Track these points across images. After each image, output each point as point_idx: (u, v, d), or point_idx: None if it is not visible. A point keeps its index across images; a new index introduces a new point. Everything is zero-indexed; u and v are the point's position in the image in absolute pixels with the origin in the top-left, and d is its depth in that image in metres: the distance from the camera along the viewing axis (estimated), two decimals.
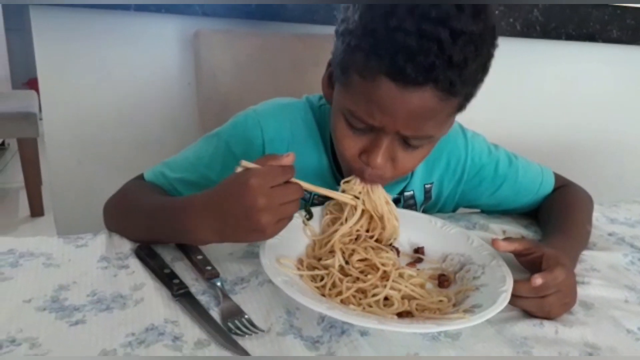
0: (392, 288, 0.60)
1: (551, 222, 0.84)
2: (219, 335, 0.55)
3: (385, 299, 0.60)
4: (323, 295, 0.60)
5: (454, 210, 0.92)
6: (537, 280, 0.60)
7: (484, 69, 0.60)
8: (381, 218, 0.68)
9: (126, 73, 1.39)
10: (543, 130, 1.71)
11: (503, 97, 1.64)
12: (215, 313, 0.60)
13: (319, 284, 0.62)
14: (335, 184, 0.81)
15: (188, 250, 0.70)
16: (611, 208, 1.02)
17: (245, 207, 0.56)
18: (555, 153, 1.61)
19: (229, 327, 0.57)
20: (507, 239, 0.67)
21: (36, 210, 2.51)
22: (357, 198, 0.67)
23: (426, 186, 0.86)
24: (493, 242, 0.66)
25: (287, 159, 0.59)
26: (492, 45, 0.59)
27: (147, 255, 0.69)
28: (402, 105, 0.58)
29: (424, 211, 0.88)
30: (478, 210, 0.94)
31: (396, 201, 0.85)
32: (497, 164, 0.84)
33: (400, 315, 0.58)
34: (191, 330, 0.57)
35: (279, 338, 0.56)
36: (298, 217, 0.70)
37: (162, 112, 1.45)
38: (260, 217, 0.55)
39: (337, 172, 0.80)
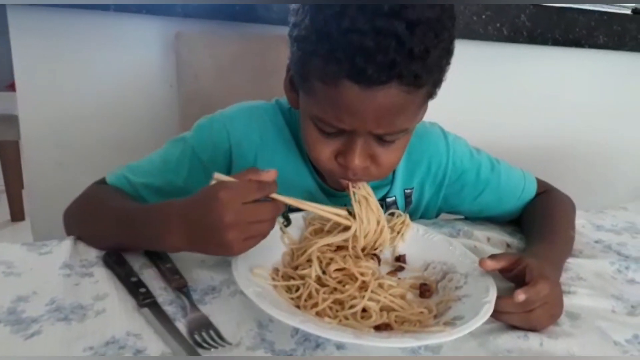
0: (370, 299, 0.57)
1: (534, 230, 0.81)
2: (183, 348, 0.52)
3: (364, 310, 0.57)
4: (298, 307, 0.57)
5: (436, 216, 0.89)
6: (520, 296, 0.57)
7: (448, 53, 0.57)
8: (382, 230, 0.66)
9: (106, 74, 1.36)
10: (528, 135, 1.70)
11: (488, 102, 1.63)
12: (181, 325, 0.56)
13: (295, 294, 0.59)
14: (315, 187, 0.78)
15: (157, 258, 0.67)
16: (597, 215, 1.00)
17: (212, 222, 0.53)
18: (540, 158, 1.59)
19: (195, 340, 0.53)
20: (492, 256, 0.64)
21: (17, 214, 2.45)
22: (350, 213, 0.64)
23: (406, 191, 0.83)
24: (480, 263, 0.63)
25: (268, 175, 0.57)
26: (453, 27, 0.56)
27: (115, 263, 0.65)
28: (369, 105, 0.55)
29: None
30: (462, 216, 0.90)
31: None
32: (479, 169, 0.82)
33: (378, 328, 0.55)
34: (155, 344, 0.53)
35: (248, 352, 0.53)
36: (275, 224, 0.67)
37: (144, 113, 1.41)
38: (226, 234, 0.53)
39: (316, 175, 0.77)
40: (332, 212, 0.64)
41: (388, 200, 0.82)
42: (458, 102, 1.33)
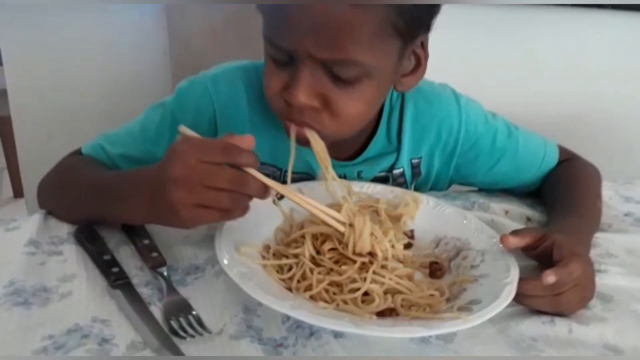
0: (373, 281, 0.50)
1: (558, 202, 0.73)
2: (155, 337, 0.45)
3: (365, 293, 0.49)
4: (290, 289, 0.50)
5: (448, 188, 0.81)
6: (550, 277, 0.49)
7: None
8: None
9: (97, 41, 1.29)
10: (546, 102, 1.60)
11: (504, 67, 1.53)
12: (157, 309, 0.49)
13: (287, 275, 0.51)
14: (314, 160, 0.70)
15: (135, 234, 0.59)
16: (625, 185, 0.91)
17: (161, 177, 0.46)
18: (558, 126, 1.49)
19: (170, 327, 0.46)
20: (514, 232, 0.56)
21: (18, 191, 2.40)
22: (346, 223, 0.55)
23: (413, 161, 0.75)
24: (501, 240, 0.55)
25: (243, 140, 0.48)
26: None
27: (87, 239, 0.58)
28: (306, 15, 0.48)
29: (415, 190, 0.77)
30: (476, 188, 0.83)
31: (384, 179, 0.74)
32: (495, 135, 0.74)
33: (382, 314, 0.47)
34: (124, 331, 0.46)
35: (231, 342, 0.46)
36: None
37: (136, 81, 1.34)
38: (172, 191, 0.45)
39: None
40: (324, 213, 0.53)
41: (395, 172, 0.74)
42: (473, 67, 1.24)
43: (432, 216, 0.64)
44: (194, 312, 0.49)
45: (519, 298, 0.50)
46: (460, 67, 0.59)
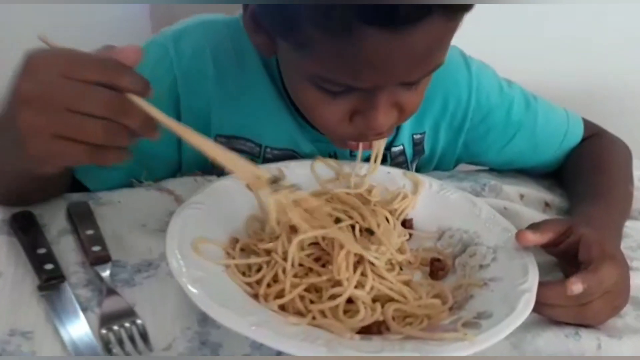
0: (359, 285, 0.40)
1: (582, 184, 0.63)
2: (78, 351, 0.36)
3: (349, 301, 0.40)
4: (257, 296, 0.40)
5: (454, 167, 0.71)
6: (576, 286, 0.40)
7: None
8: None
9: (75, 39, 1.17)
10: (566, 75, 1.48)
11: (525, 41, 1.40)
12: (94, 316, 0.40)
13: (254, 278, 0.42)
14: (297, 130, 0.60)
15: (79, 221, 0.50)
16: None
17: (10, 100, 0.35)
18: (580, 101, 1.38)
19: (104, 339, 0.37)
20: (533, 226, 0.47)
21: None
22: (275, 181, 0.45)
23: (415, 137, 0.64)
24: (518, 237, 0.45)
25: (126, 52, 0.35)
26: None
27: (22, 228, 0.49)
28: (402, 52, 0.40)
29: (417, 170, 0.67)
30: (486, 167, 0.72)
31: (383, 158, 0.64)
32: (511, 107, 0.64)
33: (368, 329, 0.38)
34: (50, 346, 0.38)
35: None
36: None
37: (115, 37, 1.23)
38: (21, 115, 0.34)
39: (298, 115, 0.59)
40: (240, 167, 0.42)
41: (394, 149, 0.64)
42: (489, 38, 1.11)
43: (435, 202, 0.54)
44: (138, 321, 0.40)
45: (537, 307, 0.41)
46: (471, 40, 0.49)
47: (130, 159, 0.36)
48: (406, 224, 0.52)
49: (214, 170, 0.57)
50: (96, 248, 0.46)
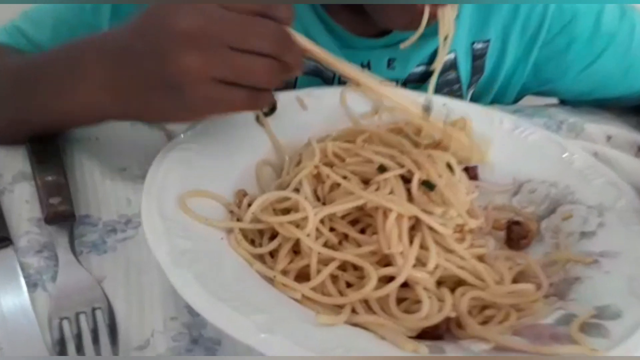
0: (417, 262, 0.28)
1: None
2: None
3: (405, 285, 0.27)
4: (271, 279, 0.28)
5: (516, 100, 0.59)
6: None
7: None
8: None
9: None
10: None
11: None
12: (43, 297, 0.29)
13: (266, 248, 0.29)
14: (323, 31, 0.46)
15: (39, 163, 0.38)
16: None
17: (156, 34, 0.29)
18: None
19: (54, 334, 0.26)
20: None
21: None
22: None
23: (476, 47, 0.51)
24: None
25: None
26: None
27: None
28: None
29: (474, 100, 0.53)
30: (555, 100, 0.60)
31: (424, 76, 0.50)
32: (601, 14, 0.51)
33: (434, 332, 0.26)
34: None
35: None
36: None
37: None
38: (178, 54, 0.28)
39: (324, 13, 0.46)
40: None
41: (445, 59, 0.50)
42: None
43: (508, 145, 0.40)
44: (106, 308, 0.28)
45: None
46: None
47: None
48: (469, 172, 0.39)
49: None
50: (55, 200, 0.34)
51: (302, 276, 0.28)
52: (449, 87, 0.51)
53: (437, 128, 0.37)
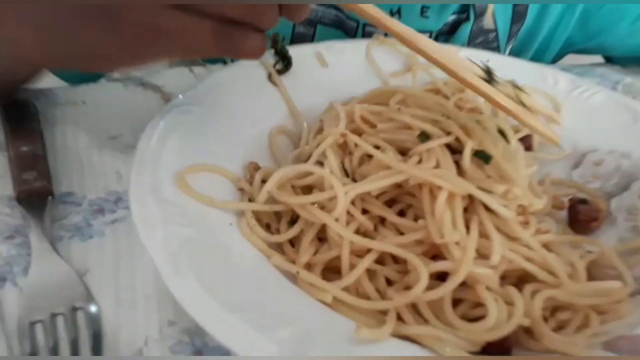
0: (479, 255, 0.22)
1: None
2: None
3: (463, 284, 0.22)
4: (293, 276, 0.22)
5: (556, 59, 0.52)
6: None
7: None
8: None
9: None
10: None
11: None
12: (13, 295, 0.24)
13: (285, 236, 0.24)
14: None
15: (12, 131, 0.32)
16: None
17: None
18: None
19: (22, 343, 0.21)
20: None
21: None
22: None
23: None
24: None
25: None
26: None
27: None
28: None
29: (512, 55, 0.47)
30: (600, 59, 0.53)
31: (454, 27, 0.43)
32: None
33: (499, 345, 0.20)
34: None
35: None
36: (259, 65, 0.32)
37: None
38: None
39: None
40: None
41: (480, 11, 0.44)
42: None
43: (567, 109, 0.34)
44: (89, 308, 0.23)
45: None
46: None
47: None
48: (524, 142, 0.33)
49: None
50: (29, 174, 0.28)
51: (331, 270, 0.23)
52: (484, 37, 0.45)
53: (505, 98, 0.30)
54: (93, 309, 0.23)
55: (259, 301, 0.19)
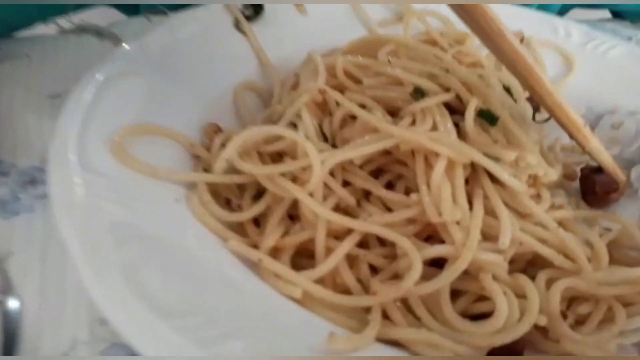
0: (484, 238, 0.18)
1: None
2: None
3: (466, 273, 0.18)
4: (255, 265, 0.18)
5: (562, 11, 0.48)
6: None
7: None
8: None
9: None
10: None
11: None
12: None
13: (247, 214, 0.19)
14: None
15: None
16: None
17: None
18: None
19: None
20: None
21: None
22: None
23: None
24: None
25: None
26: None
27: None
28: None
29: None
30: (607, 14, 0.50)
31: None
32: None
33: (508, 347, 0.16)
34: None
35: None
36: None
37: None
38: None
39: None
40: None
41: None
42: None
43: (580, 64, 0.30)
44: (9, 302, 0.19)
45: None
46: None
47: None
48: (531, 102, 0.28)
49: None
50: None
51: (303, 255, 0.19)
52: None
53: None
54: (12, 303, 0.19)
55: (204, 304, 0.14)
